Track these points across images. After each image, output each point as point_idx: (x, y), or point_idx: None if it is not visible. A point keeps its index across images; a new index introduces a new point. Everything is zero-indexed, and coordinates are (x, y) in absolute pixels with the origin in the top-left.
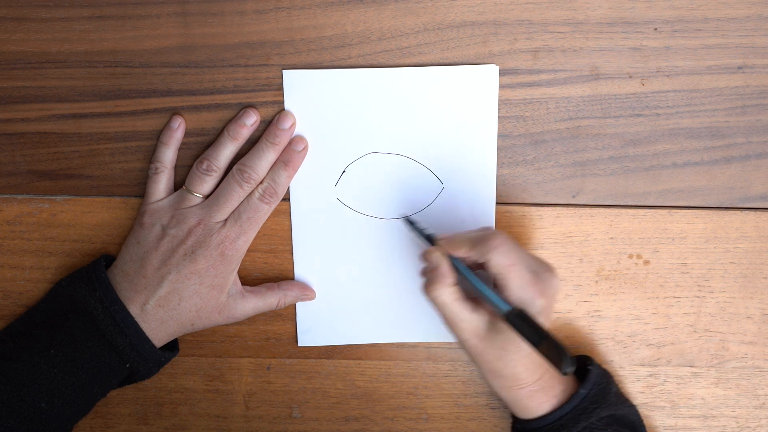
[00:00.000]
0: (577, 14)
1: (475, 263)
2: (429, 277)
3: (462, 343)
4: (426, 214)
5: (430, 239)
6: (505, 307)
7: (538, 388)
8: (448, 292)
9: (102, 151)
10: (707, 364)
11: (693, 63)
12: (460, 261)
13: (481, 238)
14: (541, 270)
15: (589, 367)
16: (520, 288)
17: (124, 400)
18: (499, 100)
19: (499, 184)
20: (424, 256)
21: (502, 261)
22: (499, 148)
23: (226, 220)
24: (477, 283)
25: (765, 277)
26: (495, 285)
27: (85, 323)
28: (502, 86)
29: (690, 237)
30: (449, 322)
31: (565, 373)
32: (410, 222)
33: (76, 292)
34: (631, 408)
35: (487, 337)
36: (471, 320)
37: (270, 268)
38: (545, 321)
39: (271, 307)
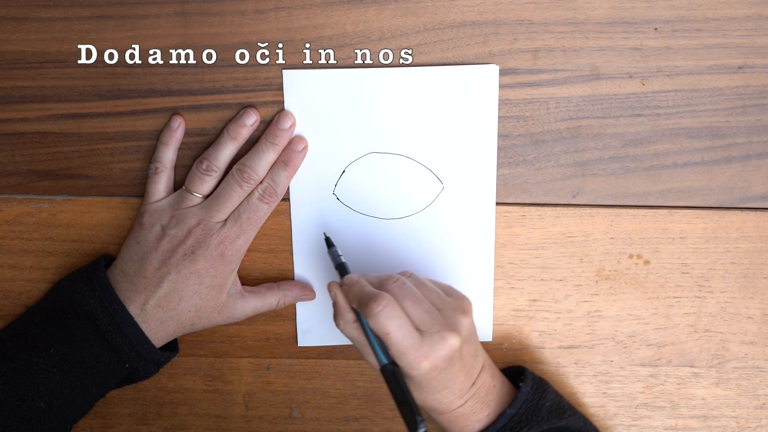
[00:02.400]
0: (577, 14)
1: None
2: (333, 310)
3: (372, 367)
4: (426, 214)
5: (341, 269)
6: (381, 361)
7: (458, 414)
8: (350, 327)
9: (102, 151)
10: (707, 365)
11: (693, 63)
12: None
13: (366, 297)
14: (435, 329)
15: (520, 385)
16: (398, 353)
17: (124, 400)
18: (499, 100)
19: (499, 184)
20: (329, 288)
21: (379, 328)
22: (499, 148)
23: (225, 220)
24: (365, 329)
25: (765, 277)
26: None
27: (84, 323)
28: (502, 86)
29: (690, 237)
30: (358, 348)
31: None
32: (328, 243)
33: (75, 292)
34: (573, 417)
35: None
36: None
37: (270, 268)
38: (444, 373)
39: (271, 307)
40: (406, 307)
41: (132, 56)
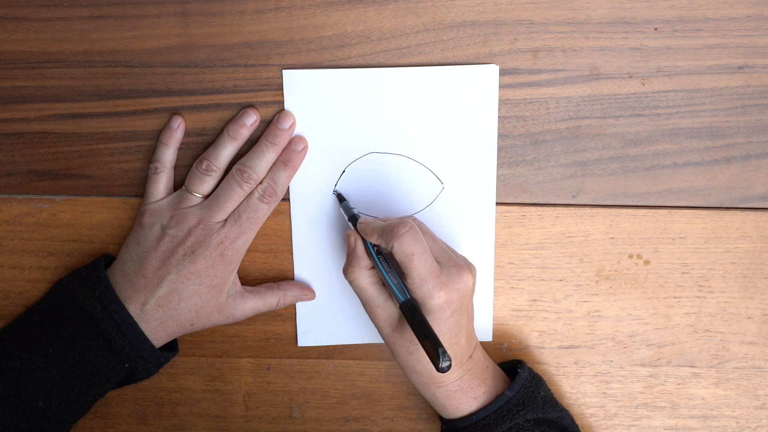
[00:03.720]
0: (577, 14)
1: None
2: (347, 259)
3: (379, 333)
4: (426, 214)
5: (353, 219)
6: (401, 297)
7: (456, 388)
8: (364, 275)
9: (102, 151)
10: (707, 365)
11: (693, 63)
12: (374, 248)
13: (389, 225)
14: (450, 264)
15: (519, 370)
16: (419, 278)
17: (124, 400)
18: (499, 100)
19: (499, 184)
20: (346, 238)
21: (405, 249)
22: (499, 148)
23: (225, 220)
24: (382, 269)
25: (765, 277)
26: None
27: (84, 323)
28: (502, 86)
29: (690, 237)
30: (366, 307)
31: (440, 370)
32: (339, 198)
33: (75, 291)
34: (563, 413)
35: (399, 328)
36: (385, 307)
37: (270, 268)
38: (454, 316)
39: (271, 307)
40: (426, 241)
41: (132, 56)
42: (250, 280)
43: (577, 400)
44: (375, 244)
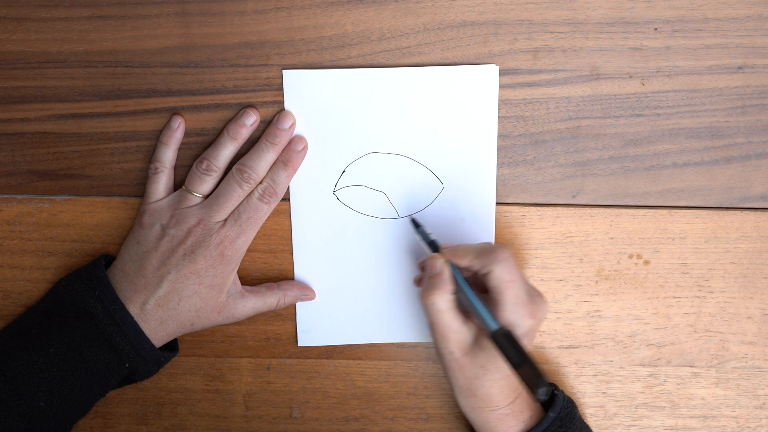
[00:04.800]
0: (577, 14)
1: (472, 276)
2: (429, 283)
3: (443, 355)
4: (426, 214)
5: (433, 245)
6: (493, 325)
7: (509, 411)
8: (446, 299)
9: (102, 151)
10: (707, 365)
11: (693, 63)
12: (459, 272)
13: (486, 249)
14: (534, 293)
15: (555, 392)
16: (514, 305)
17: (124, 400)
18: (499, 100)
19: (499, 184)
20: (427, 262)
21: (504, 276)
22: (499, 148)
23: (225, 220)
24: (471, 295)
25: (765, 277)
26: (489, 301)
27: (84, 323)
28: (502, 86)
29: (690, 237)
30: (438, 331)
31: (538, 400)
32: (416, 224)
33: (75, 291)
34: None
35: (471, 353)
36: (460, 332)
37: (270, 268)
38: (529, 343)
39: (271, 307)
40: (519, 271)
41: (132, 56)
42: (250, 280)
43: (577, 400)
44: (463, 267)
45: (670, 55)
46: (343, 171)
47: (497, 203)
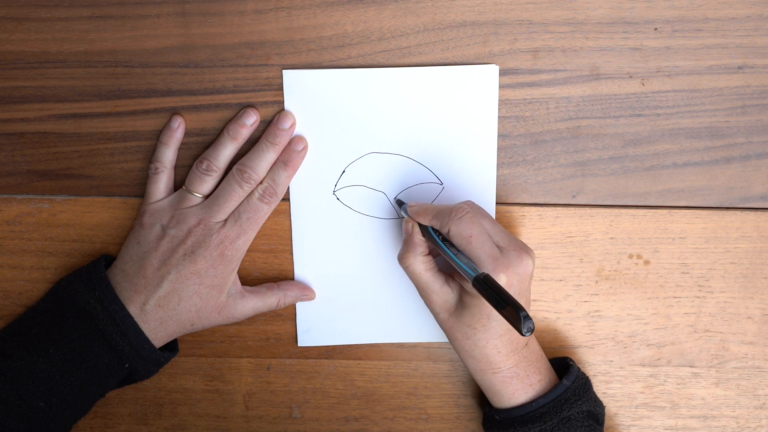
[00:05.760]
0: (577, 14)
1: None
2: (403, 246)
3: (436, 319)
4: None
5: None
6: (472, 273)
7: (512, 374)
8: (419, 260)
9: (102, 151)
10: (707, 365)
11: (693, 63)
12: (436, 232)
13: (445, 208)
14: (512, 248)
15: (570, 363)
16: (478, 260)
17: (124, 400)
18: (499, 100)
19: (499, 184)
20: (403, 225)
21: (462, 231)
22: (499, 148)
23: (225, 220)
24: (445, 250)
25: (765, 277)
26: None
27: (84, 323)
28: (502, 86)
29: (690, 237)
30: (422, 293)
31: (523, 334)
32: (399, 203)
33: (75, 291)
34: (603, 410)
35: (456, 313)
36: (441, 293)
37: (270, 268)
38: (525, 304)
39: (271, 307)
40: (484, 224)
41: (132, 56)
42: (250, 280)
43: None
44: (435, 229)
45: (670, 55)
46: (343, 171)
47: (497, 203)
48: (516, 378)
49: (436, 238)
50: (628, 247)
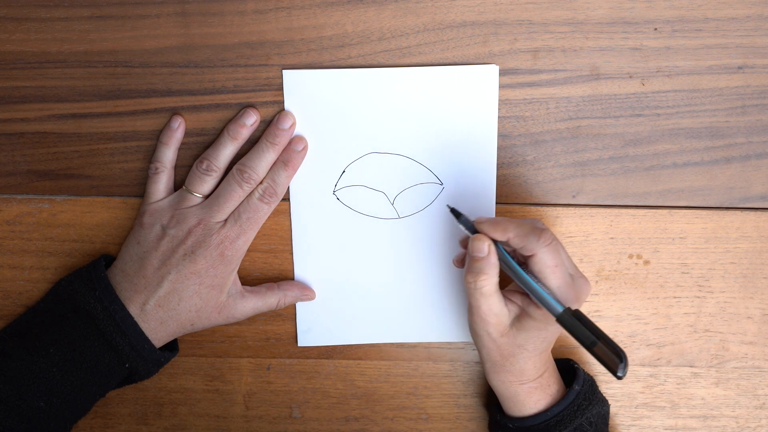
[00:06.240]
0: (577, 14)
1: (511, 251)
2: (475, 267)
3: (480, 336)
4: (426, 214)
5: (472, 228)
6: (559, 307)
7: (537, 385)
8: (492, 283)
9: (102, 151)
10: (707, 364)
11: (693, 63)
12: (506, 252)
13: (530, 230)
14: (577, 275)
15: (576, 366)
16: (559, 289)
17: (124, 400)
18: (499, 100)
19: (499, 184)
20: (472, 243)
21: (549, 261)
22: (499, 148)
23: (225, 220)
24: (528, 278)
25: (765, 277)
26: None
27: (84, 323)
28: (502, 86)
29: (690, 237)
30: (479, 314)
31: (619, 377)
32: (455, 213)
33: (75, 291)
34: (608, 407)
35: (509, 333)
36: (501, 315)
37: (270, 268)
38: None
39: (271, 307)
40: (562, 252)
41: (132, 56)
42: (250, 280)
43: None
44: (502, 242)
45: (670, 55)
46: (343, 171)
47: (497, 203)
48: (539, 388)
49: (514, 264)
50: (628, 247)
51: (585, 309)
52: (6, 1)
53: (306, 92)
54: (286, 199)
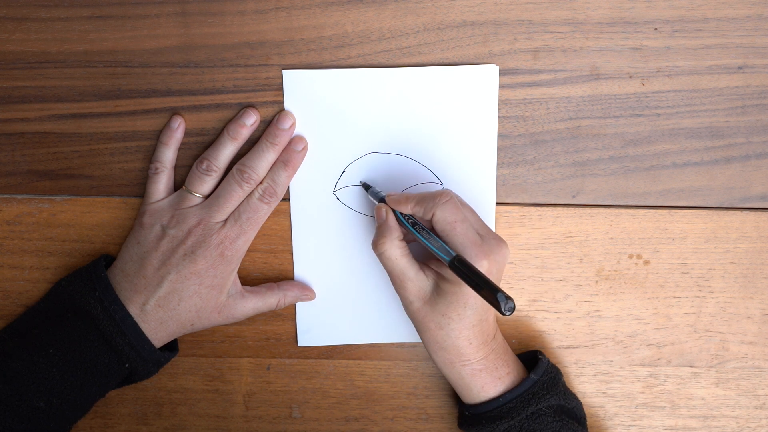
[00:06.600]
0: (577, 14)
1: (429, 226)
2: (377, 232)
3: (406, 307)
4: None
5: (382, 199)
6: (446, 257)
7: (481, 367)
8: (395, 246)
9: (102, 151)
10: (707, 365)
11: (693, 63)
12: (406, 218)
13: (427, 194)
14: (489, 235)
15: (539, 357)
16: (462, 246)
17: (124, 400)
18: (499, 100)
19: (499, 184)
20: (375, 213)
21: (447, 216)
22: (499, 148)
23: (225, 220)
24: (421, 234)
25: (765, 277)
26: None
27: (84, 323)
28: (502, 86)
29: (690, 237)
30: (396, 281)
31: (504, 314)
32: (365, 187)
33: (75, 291)
34: (578, 403)
35: (431, 301)
36: (417, 279)
37: (270, 268)
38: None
39: (271, 308)
40: (465, 212)
41: (132, 56)
42: (250, 280)
43: None
44: (409, 215)
45: (670, 55)
46: (343, 171)
47: (497, 203)
48: (485, 371)
49: (407, 224)
50: (628, 247)
51: (585, 309)
52: (6, 1)
53: (306, 92)
54: (286, 199)
